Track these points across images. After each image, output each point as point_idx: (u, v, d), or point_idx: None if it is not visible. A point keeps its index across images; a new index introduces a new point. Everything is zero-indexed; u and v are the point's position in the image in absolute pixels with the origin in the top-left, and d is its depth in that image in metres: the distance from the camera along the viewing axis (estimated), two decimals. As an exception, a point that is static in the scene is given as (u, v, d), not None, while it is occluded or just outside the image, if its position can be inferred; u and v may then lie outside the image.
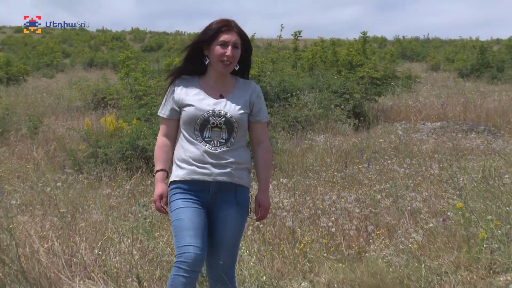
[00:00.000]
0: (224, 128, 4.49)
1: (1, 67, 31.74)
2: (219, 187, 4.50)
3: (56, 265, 6.37)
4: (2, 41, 60.65)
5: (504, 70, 32.44)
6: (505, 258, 7.17)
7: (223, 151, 4.50)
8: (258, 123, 4.68)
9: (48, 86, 29.25)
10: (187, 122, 4.55)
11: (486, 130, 17.62)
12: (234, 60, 4.54)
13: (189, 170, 4.49)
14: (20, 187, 11.23)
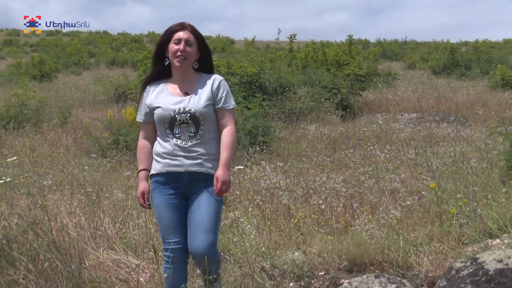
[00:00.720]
0: (191, 123, 4.48)
1: (35, 66, 31.76)
2: (191, 177, 4.49)
3: (82, 237, 6.38)
4: (36, 43, 60.55)
5: (471, 68, 32.53)
6: (472, 231, 7.17)
7: (193, 144, 4.49)
8: (221, 110, 4.62)
9: (75, 82, 29.22)
10: (158, 122, 4.58)
11: (456, 120, 17.67)
12: (189, 56, 4.51)
13: (164, 163, 4.51)
14: (52, 169, 11.23)
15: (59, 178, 10.36)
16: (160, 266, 5.99)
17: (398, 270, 6.37)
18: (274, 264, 6.55)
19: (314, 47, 25.40)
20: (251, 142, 13.16)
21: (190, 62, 4.57)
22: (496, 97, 21.38)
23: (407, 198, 8.44)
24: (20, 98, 18.34)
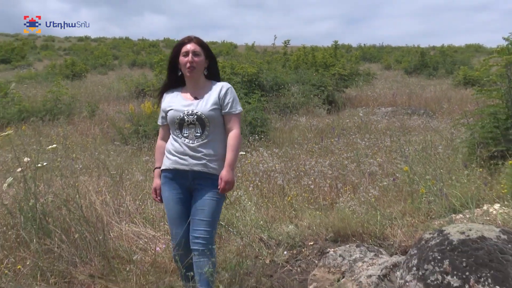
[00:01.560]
0: (197, 124, 4.39)
1: (68, 67, 31.79)
2: (195, 175, 4.41)
3: (108, 212, 6.37)
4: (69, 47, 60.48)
5: (438, 69, 32.57)
6: (439, 207, 7.17)
7: (199, 144, 4.40)
8: (228, 115, 4.53)
9: (102, 81, 29.21)
10: (170, 122, 4.52)
11: (425, 113, 17.66)
12: (198, 65, 4.44)
13: (173, 160, 4.44)
14: (82, 155, 11.23)
15: (88, 162, 10.39)
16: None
17: (376, 241, 6.38)
18: (270, 235, 6.55)
19: (305, 51, 25.39)
20: (251, 132, 13.32)
21: (200, 70, 4.51)
22: (459, 94, 21.37)
23: (384, 179, 8.46)
24: (55, 94, 18.39)
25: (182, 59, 4.41)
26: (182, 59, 4.42)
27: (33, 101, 18.44)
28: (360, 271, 5.04)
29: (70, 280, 5.04)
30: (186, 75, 4.49)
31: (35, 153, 8.66)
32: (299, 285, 5.41)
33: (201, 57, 4.43)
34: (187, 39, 4.47)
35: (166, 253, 5.59)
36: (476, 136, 9.76)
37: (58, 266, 5.10)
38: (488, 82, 10.48)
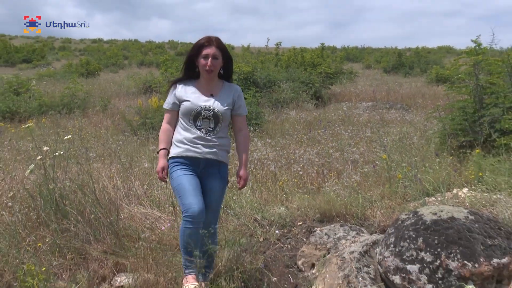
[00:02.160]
0: (212, 119, 4.34)
1: (82, 66, 31.84)
2: (207, 163, 4.35)
3: (118, 196, 6.37)
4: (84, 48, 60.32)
5: (413, 68, 32.63)
6: (414, 191, 7.18)
7: (210, 137, 4.34)
8: (238, 116, 4.53)
9: (113, 78, 29.18)
10: (184, 113, 4.38)
11: (401, 107, 17.67)
12: (215, 68, 4.36)
13: (184, 148, 4.33)
14: (95, 144, 11.22)
15: (101, 151, 10.38)
16: (178, 219, 5.99)
17: (357, 221, 6.39)
18: (264, 216, 6.56)
19: (295, 52, 25.41)
20: (248, 123, 13.28)
21: (216, 71, 4.44)
22: (432, 90, 21.40)
23: (365, 166, 8.49)
24: (71, 90, 18.39)
25: (202, 61, 4.32)
26: (201, 61, 4.32)
27: (51, 96, 18.43)
28: (343, 248, 5.05)
29: (85, 256, 5.04)
30: (204, 76, 4.42)
31: (54, 143, 8.64)
32: (289, 260, 5.42)
33: (219, 60, 4.36)
34: (208, 41, 4.35)
35: (171, 232, 5.59)
36: (447, 127, 9.78)
37: (74, 244, 5.10)
38: (458, 79, 10.47)
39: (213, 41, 4.33)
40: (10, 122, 15.28)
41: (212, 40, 4.34)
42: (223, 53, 4.39)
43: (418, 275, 4.17)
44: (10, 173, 7.64)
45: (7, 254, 4.86)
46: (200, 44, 4.33)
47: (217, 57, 4.32)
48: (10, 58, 41.56)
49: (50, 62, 41.98)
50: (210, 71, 4.33)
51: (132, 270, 4.83)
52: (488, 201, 6.58)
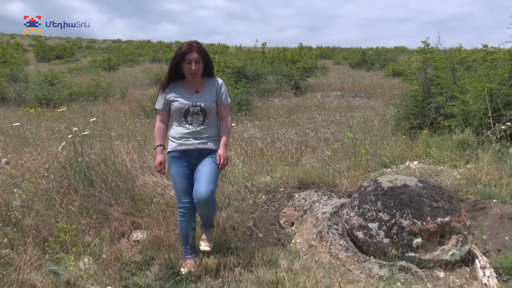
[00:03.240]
0: (200, 113, 4.16)
1: (105, 61, 31.61)
2: (199, 152, 4.17)
3: (135, 167, 6.33)
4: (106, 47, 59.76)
5: (374, 64, 32.63)
6: (374, 163, 7.21)
7: (201, 129, 4.17)
8: (222, 105, 4.31)
9: (130, 72, 28.97)
10: (175, 111, 4.18)
11: (364, 96, 17.66)
12: (199, 71, 4.14)
13: (178, 143, 4.16)
14: (115, 126, 11.16)
15: (120, 131, 10.31)
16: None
17: (328, 187, 6.40)
18: (253, 184, 6.56)
19: (278, 50, 25.31)
20: (239, 109, 13.42)
21: (200, 73, 4.22)
22: (389, 82, 21.40)
23: (335, 144, 8.48)
24: (96, 81, 18.27)
25: (186, 66, 4.11)
26: (186, 66, 4.11)
27: (79, 87, 18.29)
28: (317, 209, 5.06)
29: (108, 216, 5.03)
30: (189, 78, 4.21)
31: (81, 124, 8.59)
32: (274, 219, 5.43)
33: (200, 63, 4.14)
34: (189, 48, 4.12)
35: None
36: (401, 112, 9.81)
37: (98, 206, 5.09)
38: (410, 73, 10.48)
39: (194, 47, 4.14)
40: (46, 107, 15.18)
41: (193, 46, 4.14)
42: (203, 57, 4.17)
43: (377, 231, 4.19)
44: (46, 149, 7.62)
45: (44, 215, 4.86)
46: (183, 52, 4.13)
47: (198, 61, 4.12)
48: (45, 55, 41.23)
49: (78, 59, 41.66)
50: (194, 75, 4.14)
51: (146, 227, 4.84)
52: (434, 171, 6.62)
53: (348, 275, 3.98)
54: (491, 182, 6.09)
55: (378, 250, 4.17)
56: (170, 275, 4.03)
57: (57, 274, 3.85)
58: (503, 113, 7.38)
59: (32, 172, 6.21)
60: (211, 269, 4.12)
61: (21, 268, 3.90)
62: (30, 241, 4.40)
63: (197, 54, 4.11)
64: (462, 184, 6.17)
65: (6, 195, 5.28)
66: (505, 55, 8.38)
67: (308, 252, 4.39)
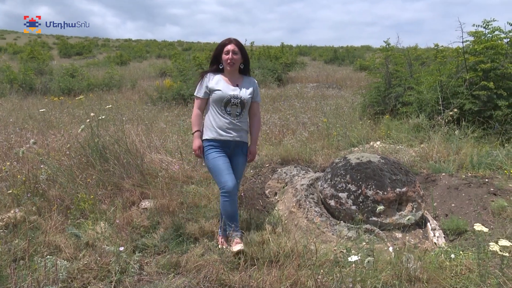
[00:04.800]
0: (239, 105, 3.91)
1: (118, 58, 31.21)
2: (236, 144, 3.93)
3: (143, 146, 6.29)
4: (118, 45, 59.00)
5: (344, 60, 32.48)
6: (344, 143, 7.20)
7: (238, 120, 3.90)
8: (255, 102, 4.10)
9: (139, 66, 28.62)
10: (216, 101, 3.88)
11: (336, 87, 17.61)
12: (236, 61, 3.92)
13: (218, 133, 3.85)
14: (127, 112, 11.06)
15: (131, 116, 10.22)
16: (184, 163, 5.95)
17: (306, 163, 6.38)
18: (242, 160, 6.55)
19: (264, 48, 25.12)
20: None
21: (237, 65, 3.98)
22: (357, 75, 21.35)
23: (311, 127, 8.46)
24: (110, 74, 18.06)
25: (224, 56, 3.92)
26: (224, 56, 3.92)
27: (96, 79, 18.05)
28: (296, 181, 5.06)
29: (120, 188, 5.00)
30: (227, 68, 3.97)
31: (98, 110, 8.49)
32: (260, 190, 5.41)
33: (238, 55, 3.94)
34: (228, 41, 3.97)
35: (179, 171, 5.56)
36: (367, 100, 9.81)
37: (112, 179, 5.05)
38: (374, 68, 10.48)
39: (232, 40, 3.96)
40: (67, 96, 15.04)
41: (232, 39, 3.98)
42: (241, 50, 3.98)
43: (346, 200, 4.20)
44: (68, 131, 7.55)
45: (66, 187, 4.83)
46: (223, 43, 3.97)
47: (236, 52, 3.92)
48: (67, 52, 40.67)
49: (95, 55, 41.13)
50: (232, 64, 3.91)
51: (153, 197, 4.81)
52: (394, 150, 6.64)
53: (322, 237, 3.99)
54: (440, 158, 6.13)
55: (347, 216, 4.18)
56: (174, 236, 4.02)
57: (78, 237, 3.84)
58: (451, 101, 7.42)
59: (56, 150, 6.17)
60: (208, 232, 4.12)
61: (47, 231, 3.89)
62: (55, 209, 4.39)
63: (234, 45, 3.94)
64: (416, 160, 6.20)
65: (34, 170, 5.25)
66: (453, 53, 8.40)
67: (288, 217, 4.39)
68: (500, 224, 4.24)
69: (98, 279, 3.25)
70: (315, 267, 3.26)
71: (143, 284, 3.27)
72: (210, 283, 3.15)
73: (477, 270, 2.96)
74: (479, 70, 7.37)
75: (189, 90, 13.20)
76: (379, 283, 2.97)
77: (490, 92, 7.14)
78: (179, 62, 19.78)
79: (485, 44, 7.46)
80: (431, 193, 5.15)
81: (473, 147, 6.30)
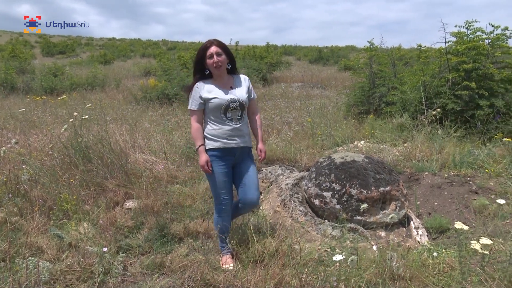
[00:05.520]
0: (238, 108, 3.59)
1: (101, 56, 30.98)
2: (242, 150, 3.62)
3: (127, 146, 6.23)
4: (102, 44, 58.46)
5: (329, 60, 32.59)
6: (328, 143, 7.23)
7: (240, 125, 3.60)
8: (252, 100, 3.80)
9: (123, 65, 28.39)
10: (214, 109, 3.55)
11: (321, 86, 17.66)
12: (222, 63, 3.59)
13: (222, 142, 3.53)
14: (110, 111, 10.96)
15: (114, 116, 10.13)
16: (168, 163, 5.92)
17: (290, 163, 6.40)
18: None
19: (249, 48, 25.12)
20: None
21: (224, 66, 3.63)
22: (341, 75, 21.45)
23: (296, 126, 8.48)
24: (93, 73, 17.88)
25: (208, 61, 3.58)
26: (208, 61, 3.58)
27: (79, 78, 17.87)
28: (281, 181, 5.07)
29: (104, 188, 4.96)
30: (215, 73, 3.63)
31: (81, 110, 8.41)
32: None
33: (223, 56, 3.60)
34: (209, 43, 3.63)
35: (163, 171, 5.54)
36: (351, 100, 9.87)
37: (96, 180, 5.01)
38: (358, 68, 10.55)
39: (213, 42, 3.63)
40: (50, 96, 14.87)
41: (212, 41, 3.64)
42: (224, 50, 3.65)
43: (331, 199, 4.22)
44: (50, 131, 7.47)
45: (49, 187, 4.78)
46: (203, 47, 3.64)
47: (220, 53, 3.59)
48: (50, 51, 40.19)
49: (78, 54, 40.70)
50: (218, 67, 3.58)
51: (137, 197, 4.78)
52: (377, 149, 6.69)
53: (307, 236, 4.01)
54: (423, 157, 6.19)
55: (331, 215, 4.20)
56: (158, 237, 4.00)
57: (61, 238, 3.80)
58: (434, 101, 7.50)
59: (38, 150, 6.11)
60: (192, 232, 4.11)
61: (29, 232, 3.84)
62: (37, 210, 4.34)
63: (216, 47, 3.60)
64: (400, 159, 6.26)
65: (16, 170, 5.18)
66: (436, 53, 8.49)
67: (273, 216, 4.40)
68: (481, 222, 4.31)
69: (81, 281, 3.22)
70: (300, 266, 3.27)
71: (127, 285, 3.24)
72: (194, 283, 3.14)
73: (459, 268, 3.00)
74: (461, 70, 7.46)
75: (173, 90, 13.14)
76: (363, 282, 2.99)
77: (472, 92, 7.24)
78: (164, 61, 19.68)
79: (467, 45, 7.56)
80: (415, 192, 5.20)
81: (455, 146, 6.38)
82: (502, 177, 5.41)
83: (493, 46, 7.67)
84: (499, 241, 3.50)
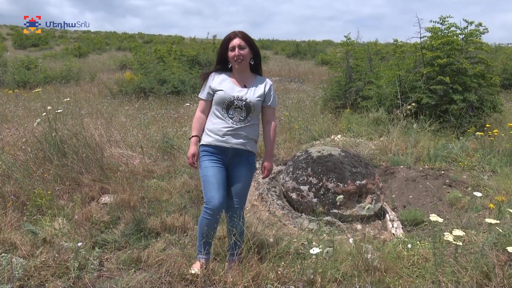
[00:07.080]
0: (244, 109, 3.28)
1: (76, 50, 30.51)
2: (235, 152, 3.32)
3: (102, 141, 6.16)
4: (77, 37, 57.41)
5: (306, 54, 32.70)
6: (306, 137, 7.27)
7: (240, 126, 3.29)
8: (268, 108, 3.42)
9: (98, 59, 27.97)
10: (217, 102, 3.31)
11: (298, 81, 17.73)
12: (244, 57, 3.34)
13: (214, 138, 3.27)
14: (85, 105, 10.80)
15: (90, 110, 9.98)
16: (145, 157, 5.88)
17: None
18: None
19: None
20: (193, 91, 13.04)
21: (246, 61, 3.38)
22: (318, 70, 21.58)
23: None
24: (68, 66, 17.56)
25: (230, 53, 3.34)
26: (230, 53, 3.34)
27: (53, 71, 17.54)
28: (258, 175, 5.08)
29: (79, 183, 4.90)
30: (235, 67, 3.39)
31: (55, 103, 8.28)
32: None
33: (246, 50, 3.34)
34: (233, 34, 3.38)
35: (139, 166, 5.49)
36: (328, 94, 9.94)
37: (71, 174, 4.94)
38: (335, 62, 10.62)
39: (237, 34, 3.38)
40: (23, 89, 14.56)
41: (237, 33, 3.39)
42: (249, 44, 3.39)
43: (308, 192, 4.25)
44: (23, 125, 7.33)
45: (22, 182, 4.69)
46: (227, 38, 3.40)
47: (243, 47, 3.33)
48: (22, 43, 39.33)
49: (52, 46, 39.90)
50: (239, 61, 3.34)
51: (113, 192, 4.74)
52: (354, 143, 6.76)
53: (284, 229, 4.03)
54: (399, 151, 6.29)
55: (308, 208, 4.24)
56: (135, 232, 3.97)
57: (35, 233, 3.74)
58: (409, 95, 7.61)
59: (11, 145, 5.99)
60: (169, 227, 4.09)
61: (2, 228, 3.76)
62: (10, 205, 4.25)
63: (240, 39, 3.36)
64: (376, 153, 6.34)
65: (-13, 165, 5.07)
66: (411, 48, 8.61)
67: (251, 210, 4.41)
68: (455, 214, 4.40)
69: (56, 276, 3.18)
70: (276, 259, 3.29)
71: (103, 280, 3.21)
72: (171, 277, 3.13)
73: (433, 259, 3.06)
74: (436, 65, 7.58)
75: (150, 84, 13.01)
76: (339, 274, 3.02)
77: (446, 87, 7.37)
78: (140, 55, 19.48)
79: (441, 40, 7.69)
80: (390, 185, 5.28)
81: (430, 140, 6.49)
82: (475, 170, 5.54)
83: (467, 41, 7.82)
84: (471, 233, 3.57)
